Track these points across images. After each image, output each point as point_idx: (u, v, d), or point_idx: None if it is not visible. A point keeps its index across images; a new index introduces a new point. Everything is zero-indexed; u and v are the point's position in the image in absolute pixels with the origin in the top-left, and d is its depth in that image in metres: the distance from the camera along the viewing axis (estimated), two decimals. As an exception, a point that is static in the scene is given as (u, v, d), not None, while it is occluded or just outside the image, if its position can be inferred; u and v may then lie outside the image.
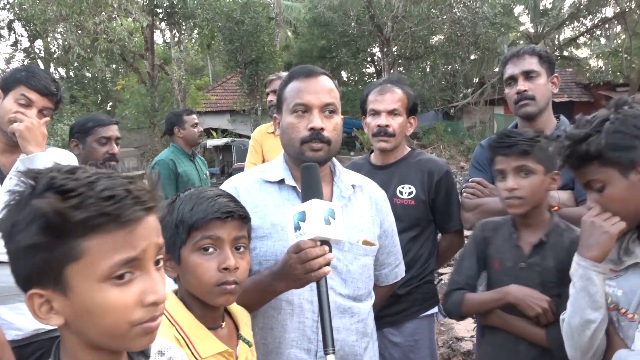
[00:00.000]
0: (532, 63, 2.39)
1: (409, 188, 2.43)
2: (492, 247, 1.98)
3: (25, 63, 24.67)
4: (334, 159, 1.86)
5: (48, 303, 0.86)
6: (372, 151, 2.68)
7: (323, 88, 1.74)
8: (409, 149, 2.62)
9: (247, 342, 1.50)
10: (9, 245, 0.85)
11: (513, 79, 2.42)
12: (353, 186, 1.85)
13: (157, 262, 0.92)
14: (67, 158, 2.55)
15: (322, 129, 1.69)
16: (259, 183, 1.80)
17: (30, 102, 2.28)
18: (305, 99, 1.71)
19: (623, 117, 1.51)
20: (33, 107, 2.29)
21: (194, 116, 4.69)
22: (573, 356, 1.59)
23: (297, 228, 1.46)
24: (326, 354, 1.38)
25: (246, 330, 1.52)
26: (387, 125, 2.43)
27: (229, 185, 1.81)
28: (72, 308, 0.85)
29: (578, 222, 1.71)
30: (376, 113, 2.46)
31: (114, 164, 3.15)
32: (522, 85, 2.37)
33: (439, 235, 2.60)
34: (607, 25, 24.11)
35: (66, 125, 20.63)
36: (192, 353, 1.33)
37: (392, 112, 2.45)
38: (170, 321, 1.37)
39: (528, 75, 2.39)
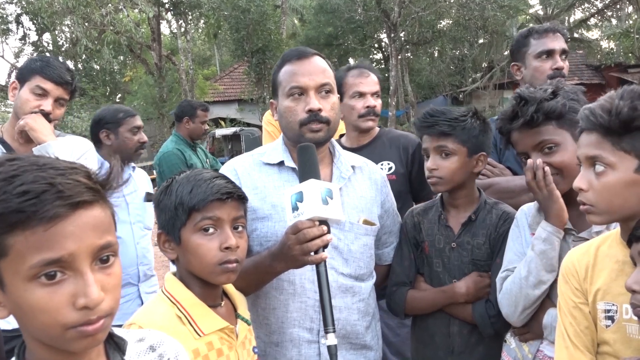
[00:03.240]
0: (565, 44, 2.44)
1: (389, 164, 2.56)
2: (423, 232, 1.97)
3: (35, 55, 24.81)
4: (332, 140, 1.87)
5: None
6: (341, 135, 2.75)
7: (317, 69, 1.74)
8: (378, 128, 2.73)
9: (246, 321, 1.53)
10: None
11: (550, 54, 2.41)
12: (353, 167, 1.86)
13: (104, 260, 0.86)
14: (84, 145, 2.59)
15: (320, 110, 1.71)
16: (259, 165, 1.82)
17: (46, 92, 2.31)
18: (301, 82, 1.72)
19: (574, 88, 1.70)
20: (48, 97, 2.32)
21: (207, 114, 4.74)
22: (512, 313, 1.68)
23: (295, 208, 1.47)
24: (326, 332, 1.40)
25: (244, 311, 1.56)
26: (374, 106, 2.58)
27: (229, 168, 1.83)
28: (10, 303, 0.83)
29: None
30: (362, 95, 2.57)
31: (143, 151, 3.27)
32: (560, 62, 2.39)
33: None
34: (618, 6, 23.71)
35: (76, 118, 20.76)
36: (195, 330, 1.36)
37: (374, 94, 2.60)
38: (171, 300, 1.40)
39: (564, 54, 2.42)
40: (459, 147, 1.85)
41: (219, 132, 19.50)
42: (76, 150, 2.52)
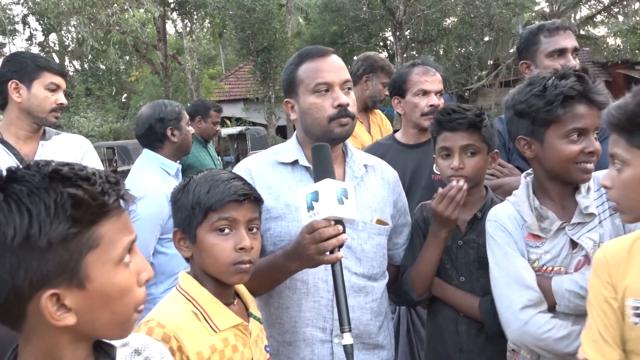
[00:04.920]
0: (575, 41, 2.40)
1: None
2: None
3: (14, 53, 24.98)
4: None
5: (58, 302, 0.82)
6: (395, 131, 2.70)
7: (339, 66, 1.77)
8: None
9: (258, 319, 1.55)
10: (26, 247, 0.78)
11: (562, 52, 2.37)
12: (365, 166, 1.86)
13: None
14: (83, 144, 2.59)
15: (348, 104, 1.73)
16: (272, 164, 1.82)
17: (58, 87, 2.38)
18: (327, 78, 1.73)
19: None
20: (60, 90, 2.39)
21: (219, 115, 4.80)
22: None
23: (310, 208, 1.47)
24: (342, 332, 1.40)
25: (255, 310, 1.57)
26: (438, 105, 2.51)
27: (242, 167, 1.83)
28: (87, 300, 0.84)
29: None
30: (426, 93, 2.52)
31: None
32: (573, 61, 2.34)
33: None
34: (625, 2, 23.56)
35: (82, 118, 20.86)
36: (210, 326, 1.39)
37: (438, 93, 2.55)
38: (186, 298, 1.42)
39: (575, 52, 2.37)
40: (483, 145, 1.86)
41: (225, 131, 19.52)
42: (77, 150, 2.53)
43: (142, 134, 2.90)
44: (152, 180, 2.75)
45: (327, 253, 1.46)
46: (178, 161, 3.08)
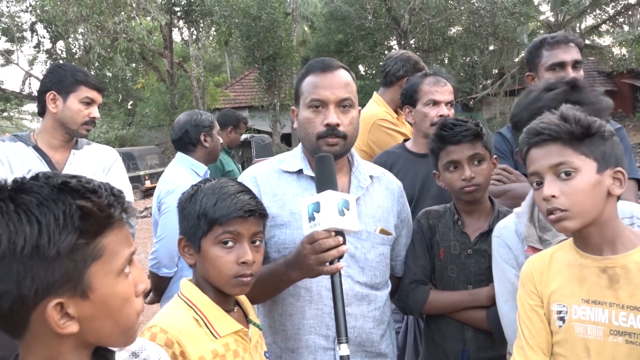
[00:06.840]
0: (578, 53, 2.40)
1: None
2: (438, 235, 1.98)
3: (48, 64, 25.18)
4: (352, 150, 1.88)
5: (62, 311, 0.84)
6: (405, 140, 2.73)
7: (339, 83, 1.75)
8: None
9: (258, 326, 1.57)
10: (35, 256, 0.80)
11: (562, 65, 2.39)
12: (371, 177, 1.88)
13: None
14: (111, 155, 2.66)
15: (338, 125, 1.72)
16: (278, 173, 1.84)
17: (93, 101, 2.46)
18: (321, 95, 1.73)
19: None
20: (94, 104, 2.47)
21: (245, 127, 5.05)
22: None
23: (312, 218, 1.49)
24: (339, 342, 1.42)
25: (254, 316, 1.59)
26: (447, 115, 2.51)
27: (248, 175, 1.85)
28: (90, 309, 0.87)
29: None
30: (436, 103, 2.53)
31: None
32: (572, 74, 2.35)
33: None
34: (630, 12, 23.59)
35: (89, 125, 21.00)
36: (211, 332, 1.41)
37: (448, 103, 2.55)
38: (188, 304, 1.44)
39: (576, 65, 2.38)
40: (486, 152, 1.92)
41: (230, 138, 19.58)
42: (105, 160, 2.61)
43: (178, 137, 3.19)
44: (181, 176, 3.03)
45: (327, 264, 1.48)
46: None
